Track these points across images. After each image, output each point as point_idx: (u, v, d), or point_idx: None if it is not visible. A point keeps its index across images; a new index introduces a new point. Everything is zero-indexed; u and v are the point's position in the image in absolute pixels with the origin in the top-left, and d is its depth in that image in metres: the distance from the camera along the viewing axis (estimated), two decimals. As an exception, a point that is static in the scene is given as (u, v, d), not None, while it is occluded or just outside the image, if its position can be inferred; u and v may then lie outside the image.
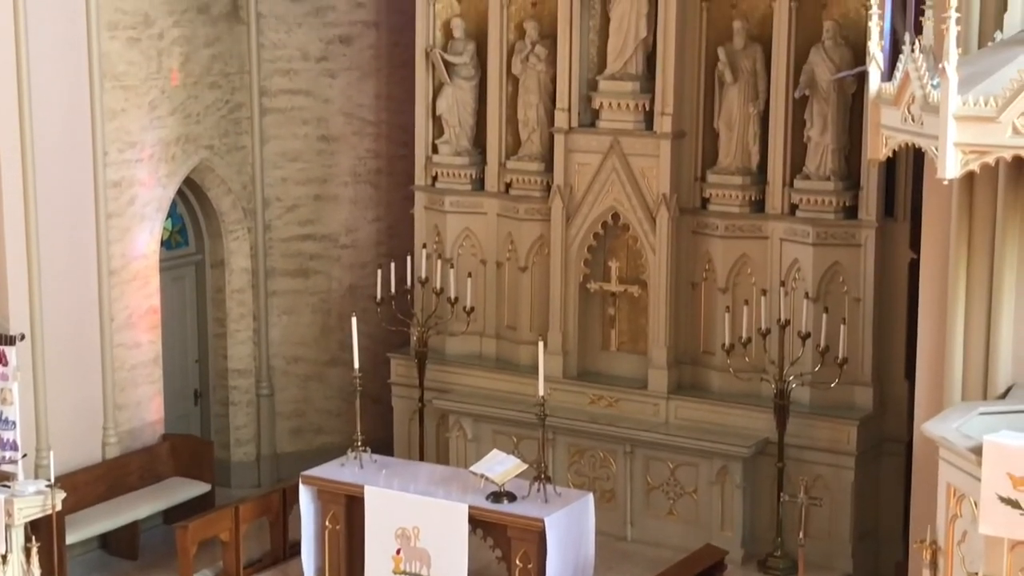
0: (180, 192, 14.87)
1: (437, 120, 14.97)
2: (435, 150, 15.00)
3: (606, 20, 13.99)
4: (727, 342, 13.09)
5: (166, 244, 14.94)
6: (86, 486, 13.41)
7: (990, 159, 8.46)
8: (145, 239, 14.22)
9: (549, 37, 14.26)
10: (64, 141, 13.25)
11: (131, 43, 13.88)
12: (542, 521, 11.62)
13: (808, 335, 12.87)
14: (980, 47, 9.47)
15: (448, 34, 14.84)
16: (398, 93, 15.75)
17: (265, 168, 15.40)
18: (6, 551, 11.27)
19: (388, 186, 15.99)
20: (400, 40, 15.64)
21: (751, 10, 13.53)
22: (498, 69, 14.52)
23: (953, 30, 8.20)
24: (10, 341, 12.10)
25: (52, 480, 11.84)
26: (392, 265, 14.58)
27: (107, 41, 13.59)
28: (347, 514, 12.55)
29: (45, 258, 13.06)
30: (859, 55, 12.49)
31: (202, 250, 15.48)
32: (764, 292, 13.23)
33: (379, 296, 14.53)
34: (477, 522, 11.96)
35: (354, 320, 13.00)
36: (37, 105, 12.85)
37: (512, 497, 11.92)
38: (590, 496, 12.15)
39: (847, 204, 13.16)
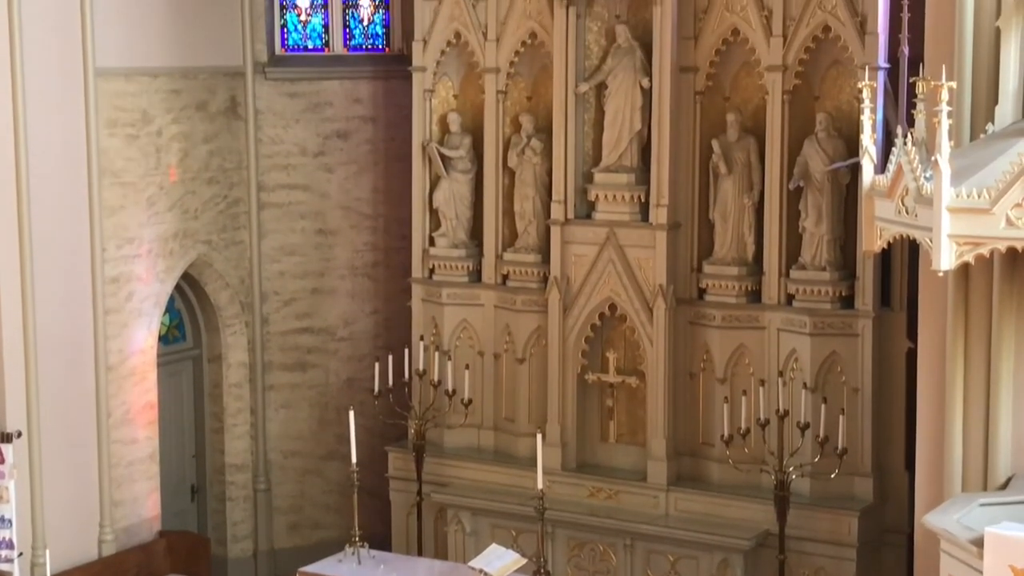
0: (178, 287, 14.91)
1: (434, 213, 15.04)
2: (432, 243, 15.06)
3: (601, 113, 14.10)
4: (726, 433, 13.05)
5: (163, 339, 14.94)
6: (82, 585, 13.33)
7: (984, 250, 8.49)
8: (143, 334, 14.23)
9: (545, 130, 14.38)
10: (62, 238, 13.31)
11: (130, 140, 13.99)
12: (542, 617, 11.52)
13: (807, 426, 12.83)
14: (972, 140, 9.54)
15: (445, 128, 14.96)
16: (395, 186, 15.85)
17: (263, 262, 15.46)
18: (1, 651, 11.17)
19: (385, 279, 16.04)
20: (397, 134, 15.76)
21: (744, 103, 13.66)
22: (494, 162, 14.62)
23: (945, 123, 8.27)
24: (7, 439, 12.08)
25: (48, 579, 11.75)
26: (390, 358, 14.57)
27: (106, 138, 13.70)
28: (345, 611, 12.43)
29: (42, 354, 13.05)
30: (852, 146, 12.59)
31: (199, 345, 15.48)
32: (762, 382, 13.21)
33: (377, 389, 14.50)
34: (477, 618, 11.84)
35: (351, 414, 12.96)
36: (35, 202, 12.92)
37: (512, 592, 11.82)
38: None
39: (843, 294, 13.19)
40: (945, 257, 8.46)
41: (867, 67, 12.33)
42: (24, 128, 12.77)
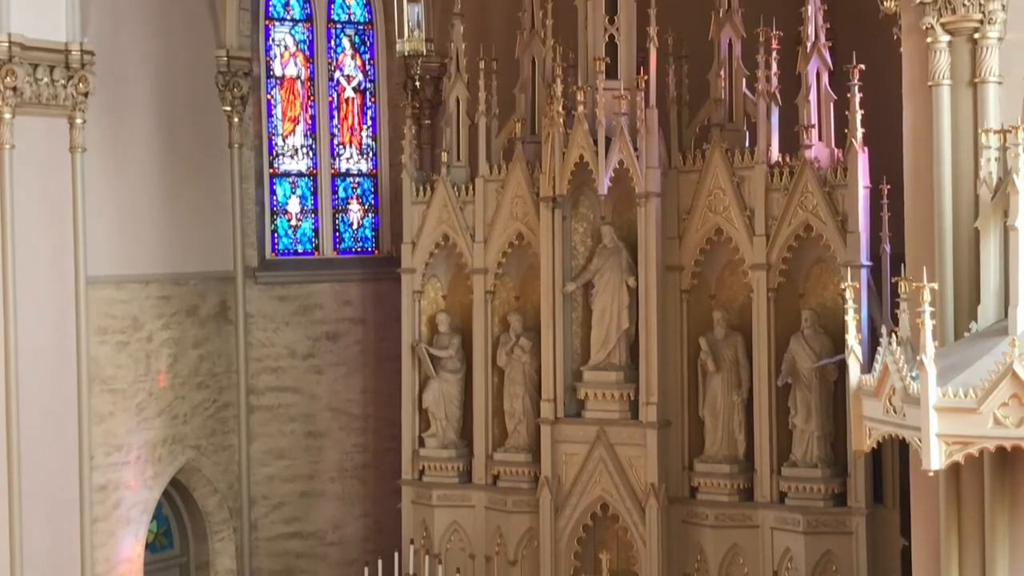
0: (166, 492, 14.81)
1: (423, 413, 15.02)
2: (422, 443, 14.99)
3: (588, 312, 14.20)
4: (723, 635, 12.84)
5: (151, 547, 14.77)
6: None
7: (974, 450, 8.45)
8: (130, 543, 14.07)
9: (533, 329, 14.46)
10: (50, 446, 13.25)
11: (120, 347, 14.06)
12: None
13: (805, 626, 12.64)
14: (956, 338, 9.60)
15: (433, 328, 15.04)
16: (385, 387, 15.87)
17: (252, 466, 15.39)
18: None
19: (375, 480, 15.95)
20: (386, 335, 15.85)
21: (730, 300, 13.79)
22: (483, 362, 14.66)
23: (928, 324, 8.31)
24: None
25: None
26: (380, 563, 14.37)
27: (96, 345, 13.76)
28: None
29: (28, 566, 12.86)
30: (838, 342, 12.66)
31: (187, 552, 15.30)
32: (758, 582, 13.06)
33: (367, 596, 14.28)
34: None
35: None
36: (24, 411, 12.90)
37: None
38: None
39: (836, 491, 13.11)
40: (935, 457, 8.43)
41: (849, 266, 12.47)
42: (15, 336, 12.83)
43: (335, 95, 16.79)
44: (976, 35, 9.26)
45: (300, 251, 16.31)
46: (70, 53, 13.12)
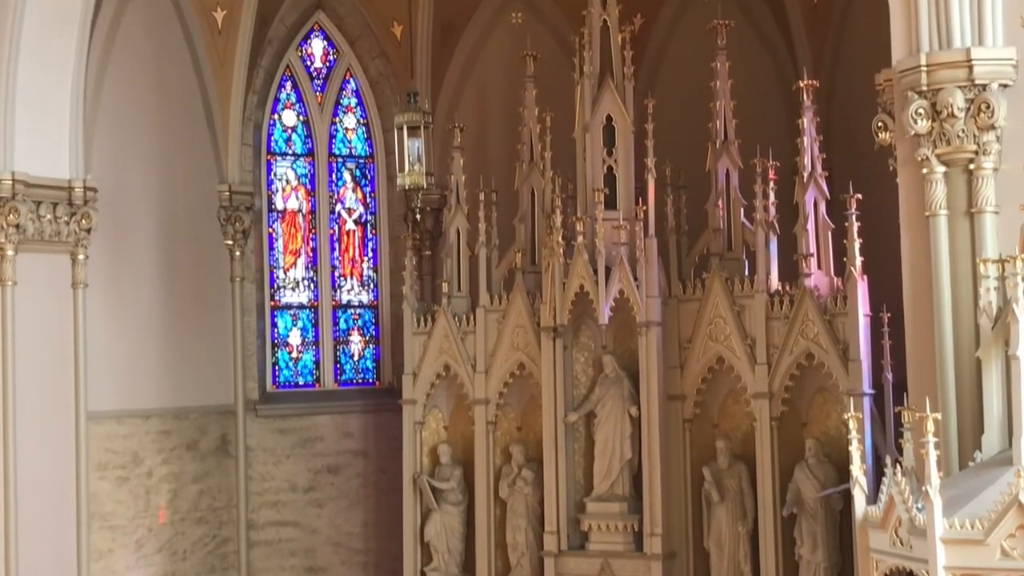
0: (164, 634, 14.63)
1: (425, 546, 14.86)
2: (424, 577, 14.85)
3: (591, 442, 14.13)
4: None
5: None
6: None
7: (982, 581, 8.37)
8: None
9: (535, 460, 14.37)
10: (49, 584, 13.12)
11: (120, 482, 13.99)
12: None
13: None
14: (961, 468, 9.54)
15: (435, 460, 14.95)
16: (386, 520, 15.75)
17: (252, 603, 15.22)
18: None
19: (378, 615, 15.77)
20: (388, 467, 15.77)
21: (733, 429, 13.73)
22: (485, 493, 14.55)
23: (932, 454, 8.28)
24: None
25: None
26: None
27: (96, 481, 13.69)
28: None
29: None
30: (843, 471, 12.54)
31: None
32: None
33: None
34: None
35: None
36: (23, 547, 12.79)
37: None
38: None
39: (843, 624, 12.95)
40: (943, 588, 8.34)
41: (852, 395, 12.43)
42: (14, 472, 12.75)
43: (336, 227, 16.91)
44: (971, 166, 9.35)
45: (301, 383, 16.30)
46: (73, 190, 13.23)
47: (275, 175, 16.63)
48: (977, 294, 9.18)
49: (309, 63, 16.91)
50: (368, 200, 17.11)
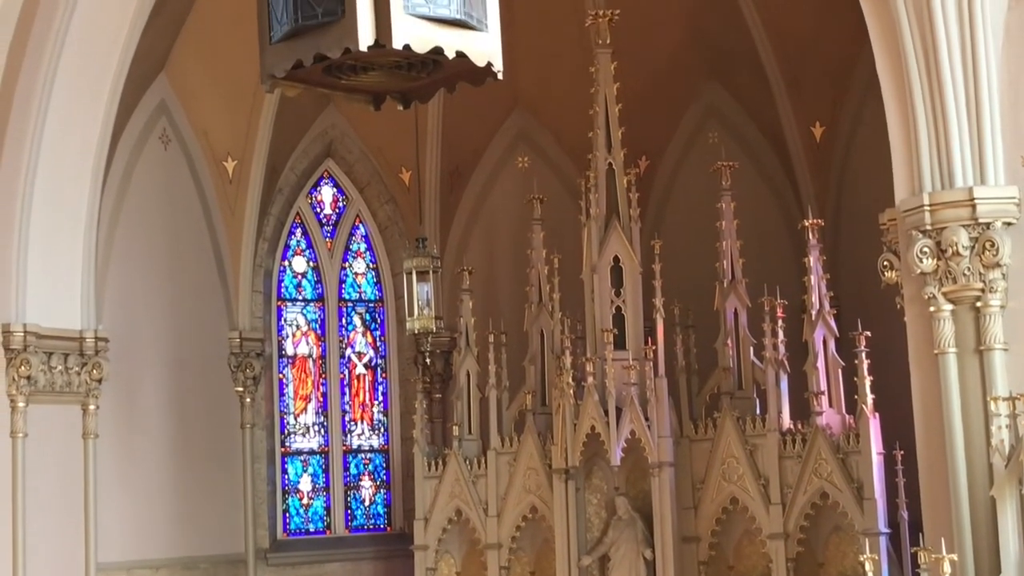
0: None
1: None
2: None
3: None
4: None
5: None
6: None
7: None
8: None
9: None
10: None
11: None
12: None
13: None
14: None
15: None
16: None
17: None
18: None
19: None
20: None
21: (749, 571, 13.55)
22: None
23: (951, 599, 8.18)
24: None
25: None
26: None
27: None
28: None
29: None
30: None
31: None
32: None
33: None
34: None
35: None
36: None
37: None
38: None
39: None
40: None
41: (867, 535, 12.29)
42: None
43: (346, 372, 16.92)
44: (978, 303, 9.35)
45: (312, 530, 16.16)
46: (84, 341, 13.25)
47: (285, 321, 16.69)
48: (989, 432, 9.13)
49: (319, 210, 17.08)
50: (378, 344, 17.14)
